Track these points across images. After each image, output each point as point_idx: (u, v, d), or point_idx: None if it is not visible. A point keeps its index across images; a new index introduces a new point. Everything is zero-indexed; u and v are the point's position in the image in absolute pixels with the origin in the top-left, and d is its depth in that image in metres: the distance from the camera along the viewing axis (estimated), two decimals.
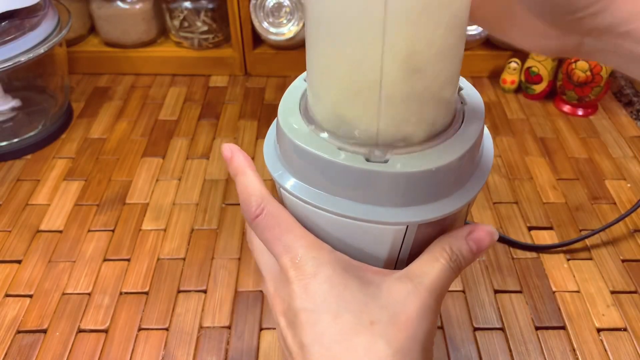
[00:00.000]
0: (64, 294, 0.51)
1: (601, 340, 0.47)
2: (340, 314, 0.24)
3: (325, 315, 0.24)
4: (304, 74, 0.30)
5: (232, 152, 0.29)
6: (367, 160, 0.24)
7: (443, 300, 0.27)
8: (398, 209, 0.25)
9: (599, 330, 0.47)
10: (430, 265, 0.26)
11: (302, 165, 0.26)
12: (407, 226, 0.25)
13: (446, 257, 0.26)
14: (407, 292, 0.25)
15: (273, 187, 0.29)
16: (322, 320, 0.24)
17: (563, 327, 0.48)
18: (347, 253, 0.27)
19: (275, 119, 0.28)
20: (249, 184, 0.28)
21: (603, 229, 0.55)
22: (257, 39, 0.80)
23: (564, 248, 0.54)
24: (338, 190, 0.25)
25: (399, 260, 0.28)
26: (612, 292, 0.50)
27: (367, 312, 0.24)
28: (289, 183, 0.27)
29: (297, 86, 0.29)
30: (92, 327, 0.48)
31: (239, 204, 0.59)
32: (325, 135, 0.26)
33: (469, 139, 0.25)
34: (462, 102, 0.28)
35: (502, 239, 0.55)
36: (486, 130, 0.29)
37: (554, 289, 0.51)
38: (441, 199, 0.25)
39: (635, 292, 0.51)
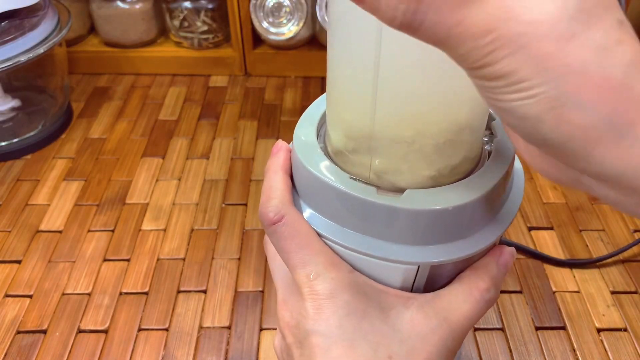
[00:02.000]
0: (63, 294, 0.50)
1: (601, 341, 0.47)
2: (357, 344, 0.22)
3: (340, 343, 0.22)
4: (324, 95, 0.29)
5: (279, 149, 0.27)
6: (378, 192, 0.23)
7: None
8: (409, 247, 0.23)
9: (599, 330, 0.47)
10: (463, 300, 0.24)
11: (311, 191, 0.25)
12: (419, 266, 0.24)
13: (482, 289, 0.24)
14: (431, 328, 0.23)
15: None
16: (336, 348, 0.23)
17: (563, 327, 0.48)
18: None
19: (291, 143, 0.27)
20: (275, 185, 0.26)
21: (617, 253, 0.53)
22: (257, 39, 0.79)
23: (564, 247, 0.54)
24: (348, 222, 0.24)
25: (414, 291, 0.26)
26: (612, 292, 0.50)
27: (385, 344, 0.23)
28: (299, 208, 0.25)
29: (315, 110, 0.28)
30: (92, 328, 0.48)
31: (238, 204, 0.60)
32: (342, 162, 0.24)
33: (492, 178, 0.23)
34: (491, 134, 0.26)
35: (508, 245, 0.55)
36: (518, 165, 0.27)
37: (554, 289, 0.51)
38: (458, 239, 0.23)
39: (635, 292, 0.51)
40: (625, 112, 0.15)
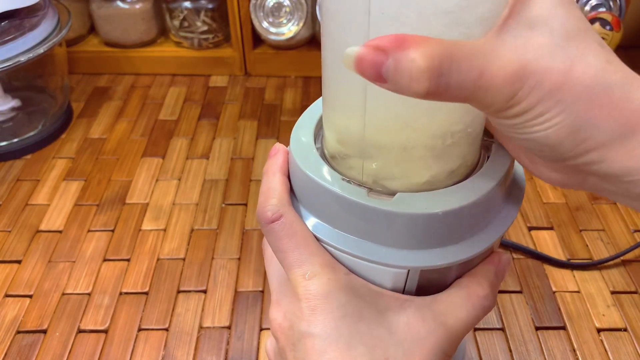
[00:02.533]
0: (63, 294, 0.50)
1: (601, 341, 0.47)
2: (353, 346, 0.22)
3: (336, 345, 0.22)
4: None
5: (277, 152, 0.27)
6: (369, 194, 0.23)
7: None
8: (398, 250, 0.23)
9: (599, 330, 0.47)
10: (460, 305, 0.24)
11: (306, 192, 0.25)
12: (409, 270, 0.23)
13: (481, 296, 0.24)
14: (427, 331, 0.23)
15: None
16: (332, 350, 0.22)
17: (563, 327, 0.48)
18: None
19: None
20: (273, 185, 0.26)
21: (619, 256, 0.53)
22: (257, 39, 0.79)
23: (564, 246, 0.54)
24: (340, 224, 0.24)
25: (405, 293, 0.26)
26: (612, 292, 0.50)
27: (381, 346, 0.22)
28: (296, 210, 0.25)
29: (314, 112, 0.28)
30: (92, 327, 0.48)
31: (238, 204, 0.60)
32: (339, 164, 0.24)
33: (487, 183, 0.23)
34: (491, 138, 0.26)
35: (508, 245, 0.55)
36: (519, 170, 0.26)
37: (554, 289, 0.51)
38: (448, 244, 0.23)
39: (635, 292, 0.51)
40: (628, 121, 0.18)
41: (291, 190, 0.26)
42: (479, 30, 0.19)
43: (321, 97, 0.28)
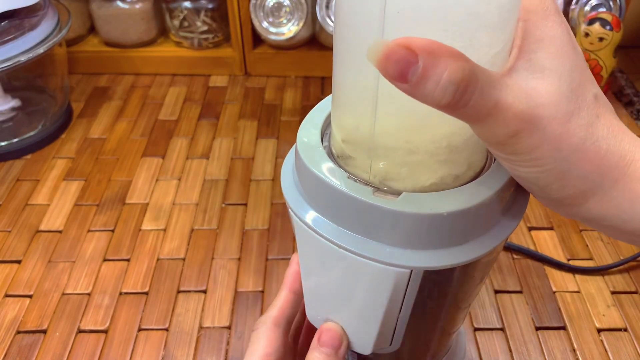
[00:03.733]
0: (63, 294, 0.50)
1: (601, 341, 0.47)
2: None
3: None
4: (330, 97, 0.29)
5: (291, 261, 0.33)
6: (375, 193, 0.23)
7: None
8: (402, 250, 0.23)
9: (599, 330, 0.47)
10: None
11: (313, 190, 0.25)
12: (412, 271, 0.23)
13: None
14: None
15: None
16: None
17: (563, 328, 0.48)
18: (345, 304, 0.26)
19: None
20: (276, 300, 0.32)
21: (622, 263, 0.52)
22: (257, 39, 0.79)
23: (564, 247, 0.54)
24: (346, 223, 0.24)
25: (397, 329, 0.26)
26: (613, 293, 0.50)
27: None
28: (303, 209, 0.25)
29: (321, 109, 0.28)
30: (92, 328, 0.48)
31: (238, 204, 0.60)
32: (345, 162, 0.24)
33: (493, 186, 0.23)
34: None
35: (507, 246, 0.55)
36: None
37: (554, 289, 0.51)
38: (452, 246, 0.23)
39: (635, 292, 0.51)
40: (610, 173, 0.20)
41: (300, 193, 0.26)
42: (491, 39, 0.19)
43: (330, 95, 0.28)
